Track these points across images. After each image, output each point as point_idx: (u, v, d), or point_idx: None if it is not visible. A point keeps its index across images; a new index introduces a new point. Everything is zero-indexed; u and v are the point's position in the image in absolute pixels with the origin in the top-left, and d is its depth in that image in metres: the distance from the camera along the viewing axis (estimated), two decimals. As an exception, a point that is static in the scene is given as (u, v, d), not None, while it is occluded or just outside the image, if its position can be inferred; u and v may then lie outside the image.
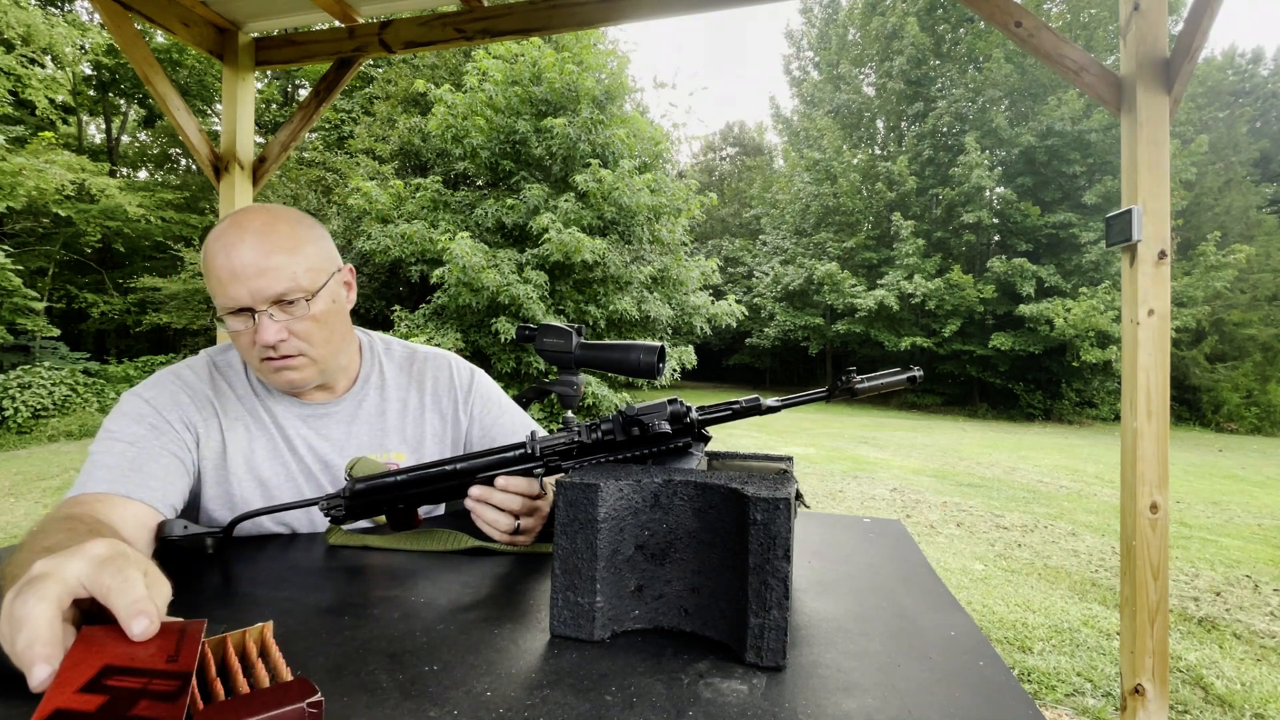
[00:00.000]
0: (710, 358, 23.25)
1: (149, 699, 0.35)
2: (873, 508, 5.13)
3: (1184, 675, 2.49)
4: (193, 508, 0.96)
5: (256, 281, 0.84)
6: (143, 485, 0.82)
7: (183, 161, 17.05)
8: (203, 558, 0.82)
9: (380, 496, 0.82)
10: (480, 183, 11.04)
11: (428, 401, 1.09)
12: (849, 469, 6.90)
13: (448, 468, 0.80)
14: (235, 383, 0.99)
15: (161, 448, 0.87)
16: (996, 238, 17.13)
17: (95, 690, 0.36)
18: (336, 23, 2.46)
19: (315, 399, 1.02)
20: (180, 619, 0.44)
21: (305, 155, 13.90)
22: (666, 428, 0.68)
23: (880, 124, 19.65)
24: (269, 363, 0.90)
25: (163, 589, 0.46)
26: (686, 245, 11.03)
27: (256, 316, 0.86)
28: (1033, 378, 15.74)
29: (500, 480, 0.77)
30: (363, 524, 0.99)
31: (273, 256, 0.85)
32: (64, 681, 0.36)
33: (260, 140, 13.66)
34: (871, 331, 17.11)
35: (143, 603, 0.41)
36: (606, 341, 0.85)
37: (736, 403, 0.69)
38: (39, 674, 0.37)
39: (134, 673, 0.37)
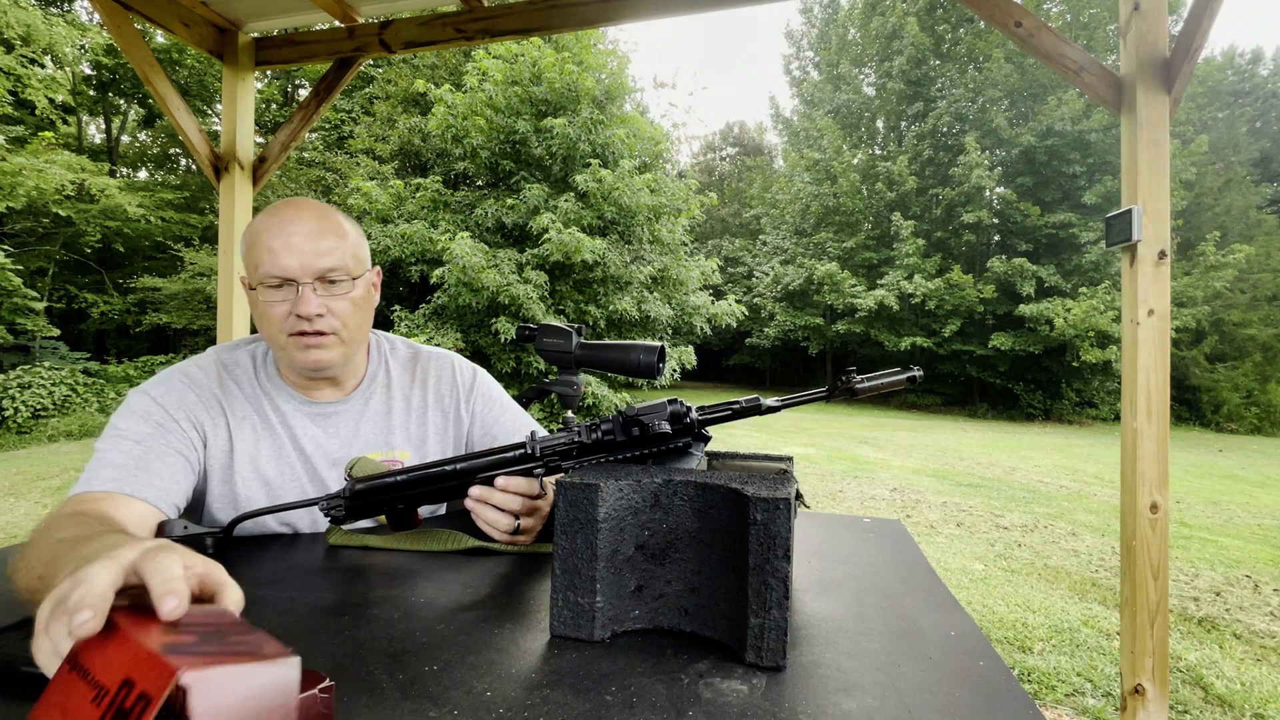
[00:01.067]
0: (710, 358, 23.25)
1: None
2: (873, 508, 5.13)
3: (1184, 675, 2.49)
4: (197, 507, 0.96)
5: (309, 254, 0.89)
6: (147, 484, 0.82)
7: (183, 161, 17.05)
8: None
9: (380, 497, 0.82)
10: (480, 183, 11.04)
11: (430, 400, 1.10)
12: (849, 469, 6.90)
13: (448, 468, 0.80)
14: (243, 382, 0.99)
15: (167, 446, 0.88)
16: (996, 238, 17.14)
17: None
18: (336, 23, 2.46)
19: (324, 397, 1.02)
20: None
21: (305, 155, 13.90)
22: (666, 428, 0.68)
23: (880, 124, 19.65)
24: (300, 339, 0.91)
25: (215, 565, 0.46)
26: (686, 245, 11.02)
27: (300, 289, 0.88)
28: (1033, 378, 15.75)
29: (500, 480, 0.77)
30: (365, 523, 0.99)
31: (326, 236, 0.91)
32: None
33: (260, 140, 13.67)
34: (871, 331, 17.11)
35: (175, 582, 0.41)
36: (606, 341, 0.85)
37: (736, 403, 0.69)
38: (82, 617, 0.37)
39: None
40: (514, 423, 1.13)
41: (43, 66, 11.05)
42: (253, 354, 1.02)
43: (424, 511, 1.02)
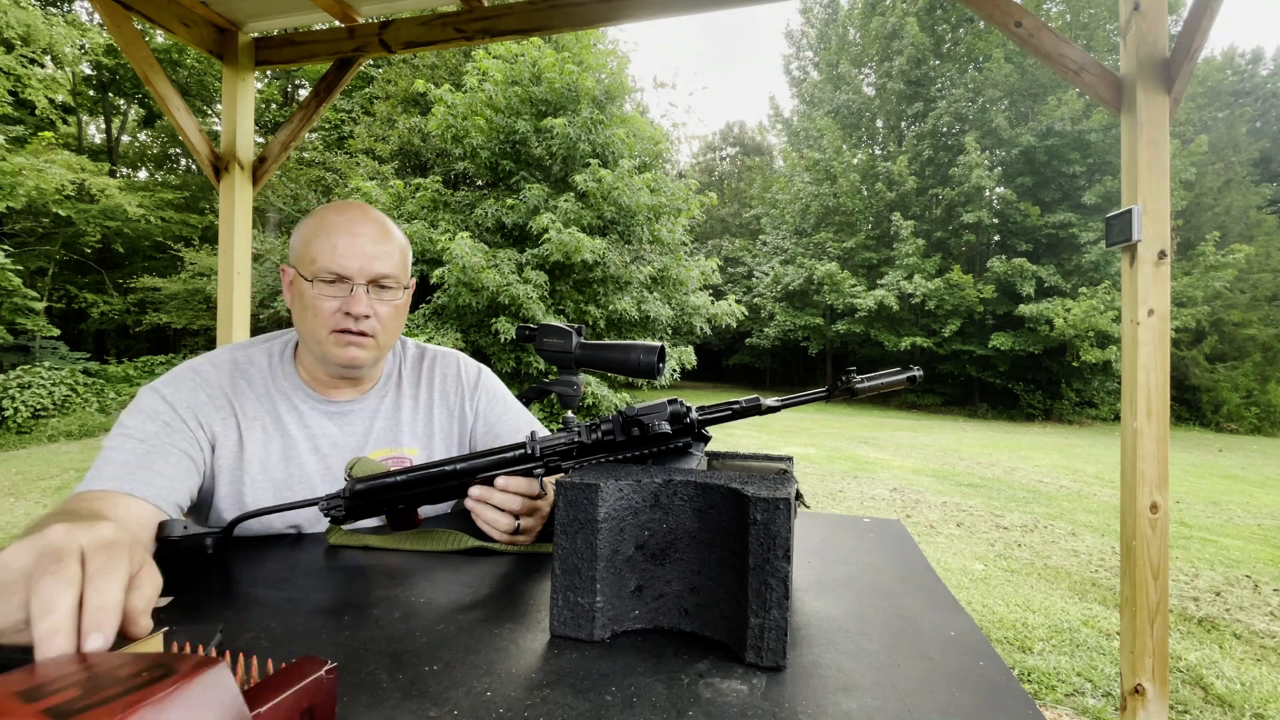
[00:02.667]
0: (710, 358, 23.26)
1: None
2: (873, 508, 5.13)
3: (1184, 675, 2.49)
4: (204, 507, 0.96)
5: (369, 258, 0.93)
6: (147, 483, 0.82)
7: (183, 161, 17.06)
8: (203, 558, 0.82)
9: (380, 497, 0.82)
10: (480, 183, 11.03)
11: (436, 398, 1.11)
12: (849, 469, 6.90)
13: (448, 468, 0.80)
14: (255, 381, 0.99)
15: (172, 445, 0.87)
16: (996, 238, 17.13)
17: None
18: (336, 23, 2.46)
19: (342, 396, 1.03)
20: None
21: (305, 155, 13.90)
22: (666, 428, 0.68)
23: (880, 124, 19.65)
24: (343, 335, 0.93)
25: (152, 585, 0.46)
26: (686, 245, 11.01)
27: (354, 288, 0.92)
28: (1033, 378, 15.75)
29: (500, 480, 0.77)
30: (372, 522, 0.99)
31: (386, 243, 0.95)
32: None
33: (260, 140, 13.68)
34: (871, 331, 17.11)
35: (57, 619, 0.38)
36: (606, 341, 0.85)
37: (736, 403, 0.69)
38: (56, 647, 0.37)
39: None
40: (517, 421, 1.14)
41: (43, 66, 11.05)
42: (269, 352, 1.02)
43: (426, 511, 1.02)
